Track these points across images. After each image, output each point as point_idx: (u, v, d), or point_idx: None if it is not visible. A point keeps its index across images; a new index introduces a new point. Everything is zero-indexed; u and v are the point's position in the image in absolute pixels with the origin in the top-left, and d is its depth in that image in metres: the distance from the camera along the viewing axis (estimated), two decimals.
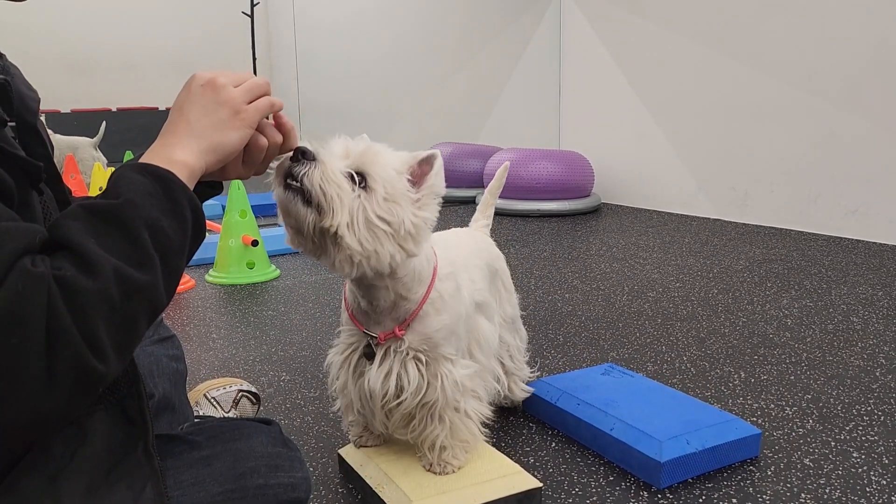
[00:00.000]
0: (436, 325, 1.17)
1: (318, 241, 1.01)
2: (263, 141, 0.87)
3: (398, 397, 1.17)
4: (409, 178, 1.05)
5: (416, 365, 1.17)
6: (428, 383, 1.17)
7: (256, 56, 7.32)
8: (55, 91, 7.59)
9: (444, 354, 1.18)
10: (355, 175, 1.00)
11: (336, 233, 0.97)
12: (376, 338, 1.17)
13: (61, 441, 0.73)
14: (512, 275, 1.56)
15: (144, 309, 0.66)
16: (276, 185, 1.00)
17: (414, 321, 1.16)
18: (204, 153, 0.77)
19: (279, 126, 0.90)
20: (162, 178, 0.71)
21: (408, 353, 1.16)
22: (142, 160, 0.75)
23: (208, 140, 0.78)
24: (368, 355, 1.18)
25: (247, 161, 0.88)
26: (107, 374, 0.63)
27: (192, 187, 0.75)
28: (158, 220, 0.68)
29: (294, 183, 0.97)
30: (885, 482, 1.29)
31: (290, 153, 0.96)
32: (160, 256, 0.68)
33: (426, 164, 1.07)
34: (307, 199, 0.97)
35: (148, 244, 0.66)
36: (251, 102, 0.83)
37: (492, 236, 1.58)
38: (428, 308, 1.16)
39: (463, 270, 1.28)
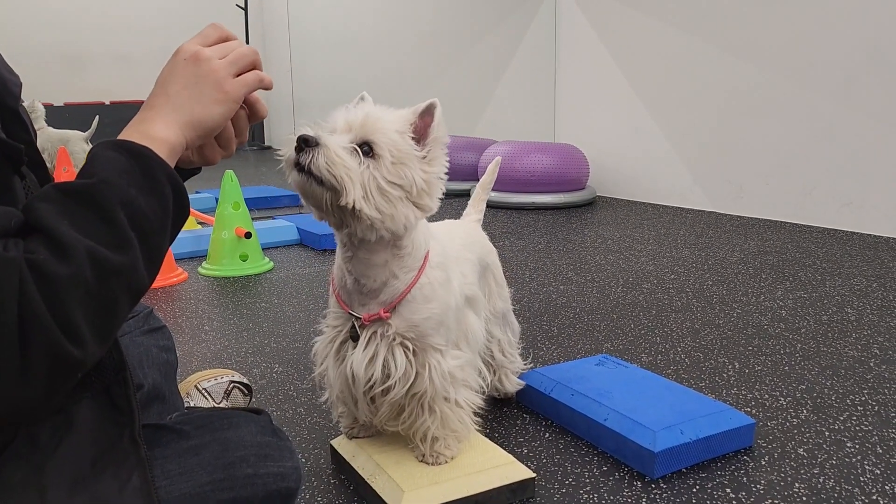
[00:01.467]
0: (424, 314, 1.15)
1: (337, 215, 1.05)
2: (230, 128, 0.83)
3: (384, 383, 1.15)
4: (413, 134, 1.07)
5: (404, 352, 1.15)
6: (416, 373, 1.16)
7: None
8: (48, 84, 7.55)
9: (433, 345, 1.17)
10: (359, 147, 1.03)
11: (354, 207, 1.01)
12: (360, 319, 1.15)
13: (47, 429, 0.72)
14: (507, 267, 1.56)
15: (123, 291, 0.64)
16: (289, 171, 1.03)
17: (400, 305, 1.15)
18: (184, 128, 0.75)
19: (245, 101, 0.84)
20: (139, 155, 0.69)
21: (394, 339, 1.15)
22: (120, 136, 0.73)
23: (189, 114, 0.75)
24: (353, 337, 1.17)
25: (221, 141, 0.84)
26: (84, 360, 0.62)
27: (172, 164, 0.73)
28: (135, 198, 0.66)
29: (304, 171, 1.01)
30: (878, 472, 1.29)
31: (294, 142, 0.99)
32: (138, 236, 0.66)
33: (427, 114, 1.08)
34: (318, 179, 1.00)
35: (124, 224, 0.65)
36: (238, 75, 0.79)
37: (486, 229, 1.57)
38: (416, 293, 1.15)
39: (454, 263, 1.27)
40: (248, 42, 7.16)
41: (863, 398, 1.60)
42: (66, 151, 4.01)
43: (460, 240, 1.37)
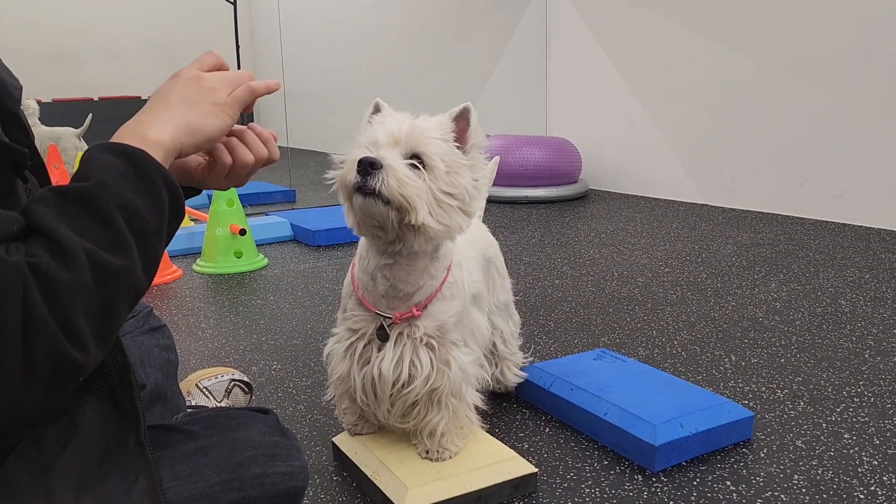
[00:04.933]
0: (450, 311, 1.18)
1: (398, 232, 1.06)
2: (248, 157, 0.86)
3: (411, 383, 1.16)
4: (456, 143, 1.09)
5: (428, 352, 1.17)
6: (437, 370, 1.17)
7: (240, 44, 7.25)
8: (36, 80, 7.48)
9: (452, 340, 1.18)
10: (410, 155, 1.04)
11: (422, 224, 1.03)
12: (390, 318, 1.16)
13: (52, 433, 0.72)
14: None
15: (122, 294, 0.64)
16: (350, 197, 1.04)
17: (431, 304, 1.16)
18: (180, 133, 0.76)
19: (259, 136, 0.89)
20: (134, 158, 0.69)
21: (421, 340, 1.16)
22: (114, 139, 0.73)
23: (185, 121, 0.76)
24: (382, 337, 1.17)
25: (231, 175, 0.87)
26: (86, 364, 0.62)
27: (167, 166, 0.73)
28: (132, 201, 0.66)
29: (370, 192, 1.01)
30: (875, 462, 1.30)
31: (356, 165, 0.99)
32: (136, 239, 0.65)
33: (462, 118, 1.10)
34: (385, 200, 1.01)
35: (122, 227, 0.64)
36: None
37: None
38: (445, 292, 1.17)
39: (465, 262, 1.28)
40: (237, 36, 7.13)
41: (859, 389, 1.62)
42: (56, 149, 3.98)
43: (464, 237, 1.38)
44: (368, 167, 0.99)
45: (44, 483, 0.70)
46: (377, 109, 1.15)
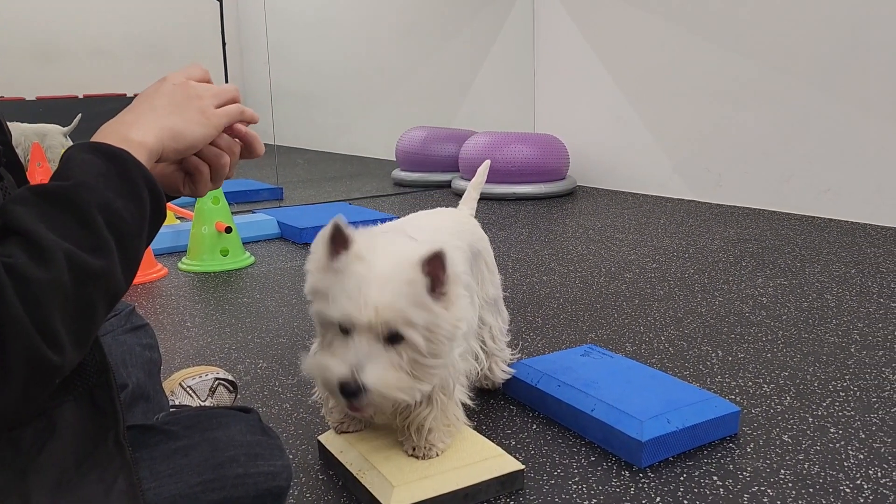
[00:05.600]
0: None
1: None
2: (225, 159, 0.84)
3: None
4: (430, 290, 1.02)
5: None
6: None
7: (226, 40, 7.20)
8: (19, 78, 7.41)
9: None
10: (386, 335, 0.98)
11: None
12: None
13: (30, 434, 0.71)
14: None
15: (101, 295, 0.63)
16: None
17: None
18: (164, 136, 0.74)
19: (241, 137, 0.87)
20: (116, 158, 0.68)
21: None
22: (95, 138, 0.71)
23: (170, 124, 0.75)
24: None
25: (213, 178, 0.85)
26: (63, 365, 0.61)
27: (150, 167, 0.72)
28: (113, 201, 0.65)
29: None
30: (861, 456, 1.31)
31: (337, 388, 0.97)
32: (116, 240, 0.64)
33: (434, 263, 1.01)
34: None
35: (102, 228, 0.63)
36: (220, 108, 0.81)
37: None
38: None
39: (449, 252, 1.27)
40: (223, 33, 7.09)
41: (844, 384, 1.62)
42: (39, 147, 3.93)
43: (448, 229, 1.37)
44: (351, 397, 0.97)
45: (20, 486, 0.68)
46: (338, 236, 1.02)
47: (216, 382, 1.46)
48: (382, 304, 0.96)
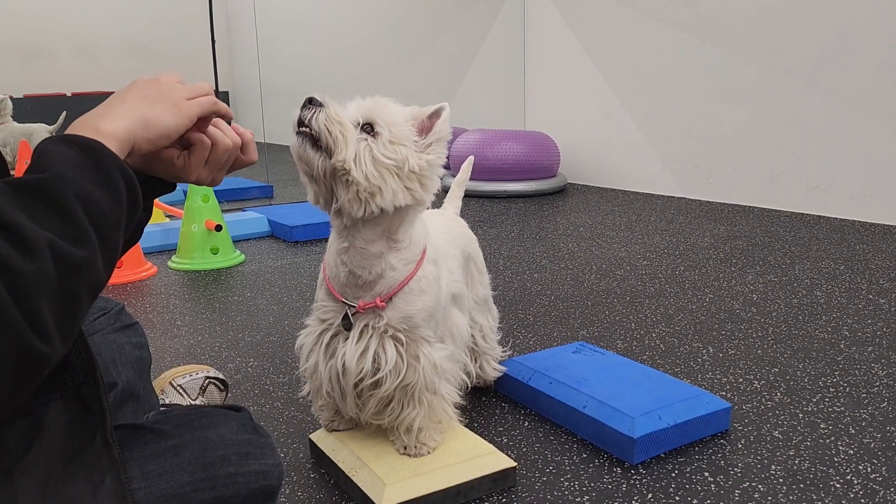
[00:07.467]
0: (418, 305, 1.16)
1: (328, 184, 1.08)
2: (227, 142, 0.86)
3: (374, 375, 1.15)
4: (416, 129, 1.12)
5: (395, 345, 1.15)
6: (408, 365, 1.16)
7: (215, 38, 7.17)
8: (6, 76, 7.35)
9: (423, 336, 1.17)
10: (362, 123, 1.07)
11: (344, 168, 1.04)
12: (355, 307, 1.14)
13: (16, 433, 0.70)
14: None
15: (85, 286, 0.62)
16: (291, 136, 1.08)
17: (397, 297, 1.15)
18: (134, 126, 0.74)
19: (240, 136, 0.89)
20: (90, 149, 0.67)
21: (386, 331, 1.15)
22: (67, 132, 0.71)
23: (141, 115, 0.75)
24: (346, 326, 1.16)
25: (210, 161, 0.86)
26: (51, 356, 0.60)
27: (123, 157, 0.72)
28: (90, 192, 0.64)
29: (304, 129, 1.05)
30: (851, 452, 1.31)
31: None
32: (96, 230, 0.64)
33: (435, 116, 1.13)
34: (316, 143, 1.05)
35: (82, 218, 0.63)
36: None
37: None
38: (413, 285, 1.16)
39: (443, 260, 1.27)
40: (212, 30, 7.05)
41: (834, 380, 1.63)
42: (27, 145, 3.91)
43: (445, 235, 1.37)
44: (308, 102, 1.05)
45: (7, 486, 0.68)
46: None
47: (207, 381, 1.45)
48: (372, 99, 1.12)
